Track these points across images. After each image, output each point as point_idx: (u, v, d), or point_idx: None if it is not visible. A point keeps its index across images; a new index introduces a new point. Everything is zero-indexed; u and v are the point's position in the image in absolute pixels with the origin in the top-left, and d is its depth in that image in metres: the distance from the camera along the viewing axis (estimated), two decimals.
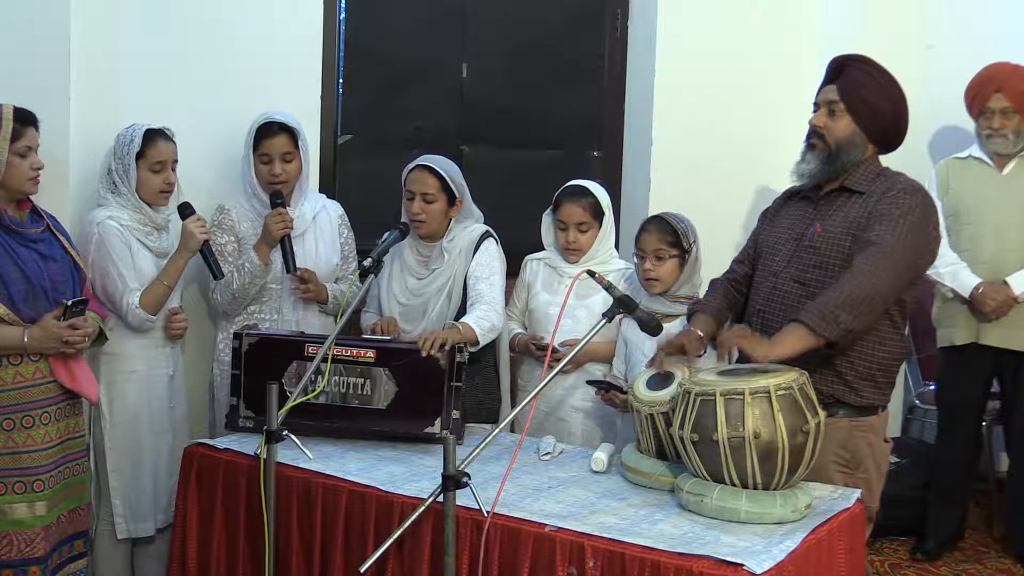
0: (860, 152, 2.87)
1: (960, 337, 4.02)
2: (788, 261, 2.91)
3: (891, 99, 2.87)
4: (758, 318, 2.93)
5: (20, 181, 2.93)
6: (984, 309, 3.91)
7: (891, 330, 2.85)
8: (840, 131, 2.86)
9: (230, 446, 2.90)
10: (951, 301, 4.04)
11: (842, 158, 2.86)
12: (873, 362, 2.83)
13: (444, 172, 3.28)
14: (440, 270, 3.33)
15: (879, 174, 2.88)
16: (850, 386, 2.82)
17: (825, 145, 2.88)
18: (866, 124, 2.86)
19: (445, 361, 2.97)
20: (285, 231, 3.37)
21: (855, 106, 2.85)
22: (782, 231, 2.99)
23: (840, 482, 2.76)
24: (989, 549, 4.27)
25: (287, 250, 3.39)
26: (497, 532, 2.38)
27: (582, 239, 3.43)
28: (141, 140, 3.25)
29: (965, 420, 4.13)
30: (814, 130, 2.90)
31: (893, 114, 2.88)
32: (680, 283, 3.26)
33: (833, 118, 2.87)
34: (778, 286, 2.91)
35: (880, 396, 2.88)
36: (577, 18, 4.51)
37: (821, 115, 2.89)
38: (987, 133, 4.01)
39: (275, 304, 3.50)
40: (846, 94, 2.85)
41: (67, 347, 2.92)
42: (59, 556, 3.03)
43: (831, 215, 2.87)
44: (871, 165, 2.89)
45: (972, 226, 4.02)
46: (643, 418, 2.70)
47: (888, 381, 2.89)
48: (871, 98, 2.85)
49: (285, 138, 3.45)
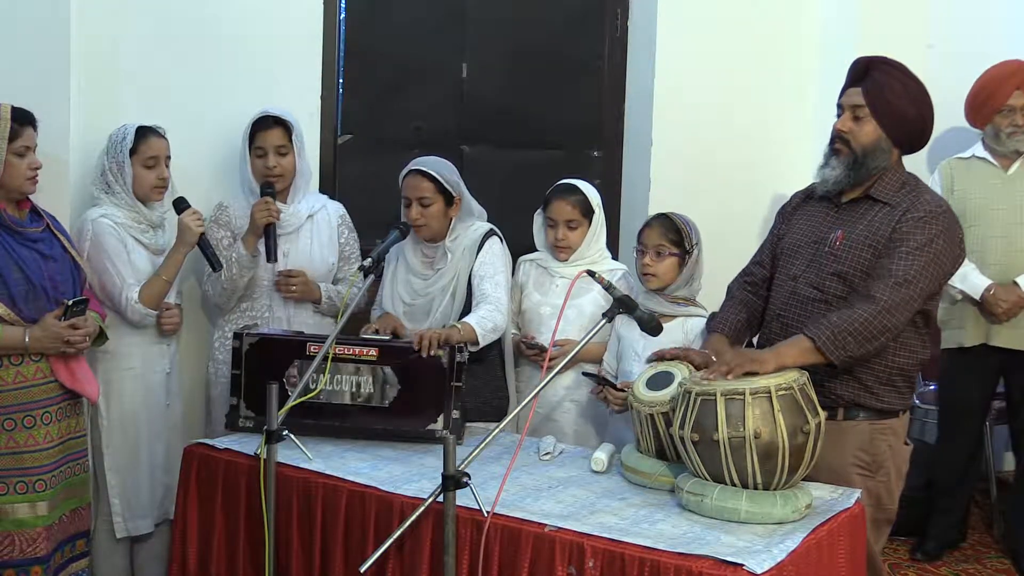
0: (886, 158, 2.79)
1: (970, 339, 4.00)
2: (807, 266, 2.86)
3: (917, 103, 2.79)
4: (777, 323, 2.89)
5: (18, 181, 2.93)
6: (995, 311, 3.89)
7: (914, 336, 2.81)
8: (865, 136, 2.78)
9: (230, 446, 2.90)
10: (960, 303, 4.02)
11: (868, 164, 2.79)
12: (894, 368, 2.79)
13: (437, 174, 3.27)
14: (444, 270, 3.33)
15: (904, 183, 2.81)
16: (871, 391, 2.79)
17: (850, 151, 2.80)
18: (892, 129, 2.78)
19: (446, 361, 2.97)
20: (269, 220, 3.37)
21: (881, 111, 2.77)
22: (801, 234, 2.93)
23: (860, 485, 2.74)
24: (989, 549, 4.27)
25: (269, 240, 3.38)
26: (497, 532, 2.38)
27: (571, 236, 3.43)
28: (133, 136, 3.26)
29: (967, 421, 4.12)
30: (839, 135, 2.82)
31: (920, 118, 2.80)
32: (678, 284, 3.24)
33: (858, 123, 2.78)
34: (797, 291, 2.86)
35: (901, 400, 2.85)
36: (577, 18, 4.51)
37: (846, 119, 2.81)
38: (1009, 131, 3.99)
39: (266, 301, 3.50)
40: (872, 98, 2.77)
41: (68, 347, 2.93)
42: (61, 556, 3.03)
43: (854, 223, 2.81)
44: (896, 174, 2.82)
45: (979, 227, 3.99)
46: (643, 418, 2.70)
47: (908, 386, 2.86)
48: (898, 103, 2.77)
49: (279, 131, 3.46)
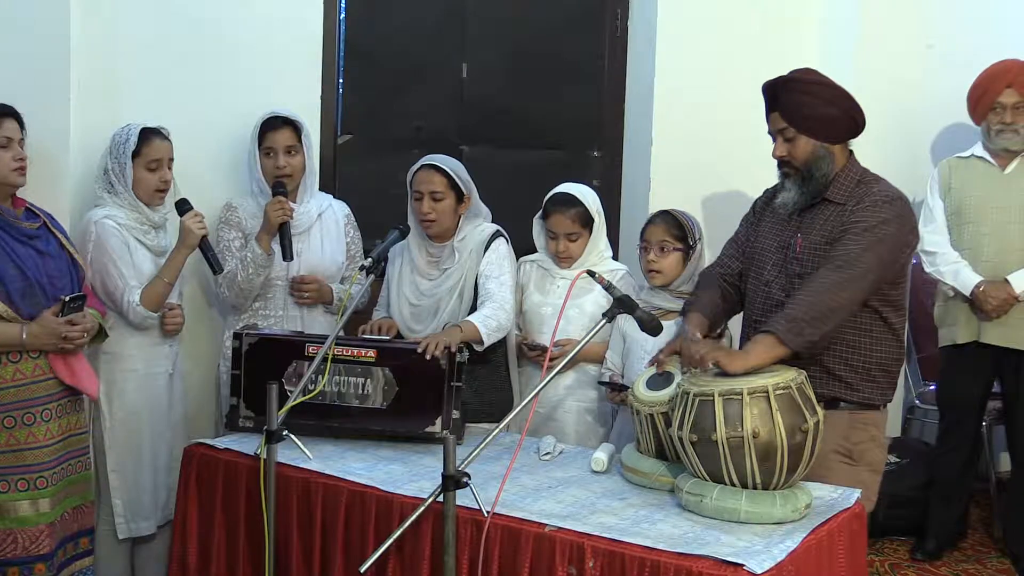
0: (830, 161, 2.86)
1: (961, 336, 4.02)
2: (778, 271, 2.92)
3: (834, 102, 2.86)
4: (754, 329, 2.90)
5: (3, 172, 2.93)
6: (985, 308, 3.91)
7: (885, 330, 2.85)
8: (802, 152, 2.85)
9: (230, 446, 2.91)
10: (952, 300, 4.04)
11: (815, 175, 2.85)
12: (871, 362, 2.84)
13: (450, 170, 3.28)
14: (451, 270, 3.33)
15: (859, 182, 2.87)
16: (850, 386, 2.83)
17: (795, 170, 2.88)
18: (823, 135, 2.85)
19: (445, 361, 2.97)
20: (284, 218, 3.38)
21: (805, 126, 2.84)
22: (767, 238, 3.00)
23: (843, 475, 2.76)
24: (989, 549, 4.27)
25: (285, 238, 3.39)
26: (497, 532, 2.38)
27: (572, 248, 3.43)
28: (137, 139, 3.25)
29: (965, 420, 4.13)
30: (780, 160, 2.90)
31: (844, 114, 2.86)
32: (682, 279, 3.27)
33: (791, 143, 2.86)
34: (771, 296, 2.92)
35: (880, 394, 2.89)
36: (577, 18, 4.51)
37: (780, 145, 2.89)
38: (998, 128, 4.00)
39: (280, 301, 3.51)
40: (791, 118, 2.84)
41: (66, 343, 2.93)
42: (64, 553, 3.04)
43: (812, 227, 2.87)
44: (849, 172, 2.88)
45: (973, 224, 4.01)
46: (643, 418, 2.70)
47: (889, 381, 2.90)
48: (816, 112, 2.84)
49: (289, 131, 3.48)
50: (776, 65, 4.62)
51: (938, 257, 4.03)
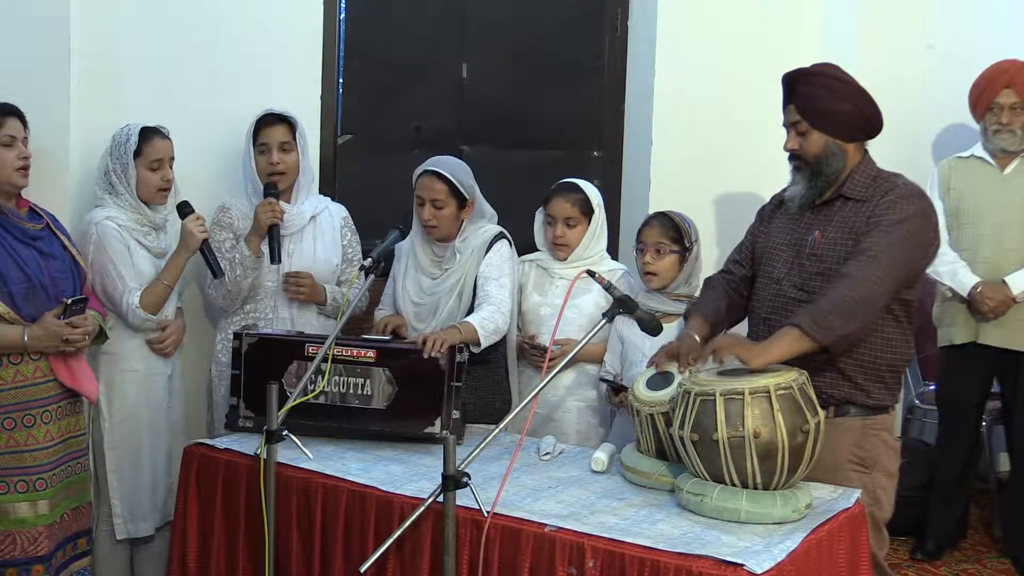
0: (842, 158, 2.85)
1: (960, 336, 4.02)
2: (789, 268, 2.90)
3: (849, 98, 2.85)
4: (764, 326, 2.91)
5: (6, 172, 2.93)
6: (982, 308, 3.91)
7: (897, 331, 2.84)
8: (814, 147, 2.85)
9: (230, 446, 2.90)
10: (950, 300, 4.04)
11: (825, 170, 2.85)
12: (881, 363, 2.82)
13: (452, 176, 3.28)
14: (452, 270, 3.33)
15: (875, 177, 2.86)
16: (861, 388, 2.82)
17: (806, 164, 2.87)
18: (836, 131, 2.84)
19: (445, 361, 2.97)
20: (273, 221, 3.37)
21: (818, 120, 2.83)
22: (778, 236, 2.98)
23: (857, 482, 2.76)
24: (989, 549, 4.27)
25: (274, 240, 3.38)
26: (497, 532, 2.38)
27: (569, 234, 3.43)
28: (138, 138, 3.25)
29: (965, 420, 4.13)
30: (791, 153, 2.90)
31: (857, 111, 2.85)
32: (679, 281, 3.26)
33: (804, 137, 2.86)
34: (782, 293, 2.90)
35: (890, 396, 2.88)
36: (577, 18, 4.51)
37: (792, 138, 2.89)
38: (995, 128, 4.00)
39: (270, 302, 3.49)
40: (805, 111, 2.84)
41: (67, 345, 2.93)
42: (63, 554, 3.04)
43: (831, 222, 2.86)
44: (865, 169, 2.87)
45: (972, 225, 4.02)
46: (643, 418, 2.70)
47: (896, 381, 2.90)
48: (830, 106, 2.83)
49: (283, 128, 3.46)
50: (776, 65, 4.61)
51: (936, 258, 4.03)
